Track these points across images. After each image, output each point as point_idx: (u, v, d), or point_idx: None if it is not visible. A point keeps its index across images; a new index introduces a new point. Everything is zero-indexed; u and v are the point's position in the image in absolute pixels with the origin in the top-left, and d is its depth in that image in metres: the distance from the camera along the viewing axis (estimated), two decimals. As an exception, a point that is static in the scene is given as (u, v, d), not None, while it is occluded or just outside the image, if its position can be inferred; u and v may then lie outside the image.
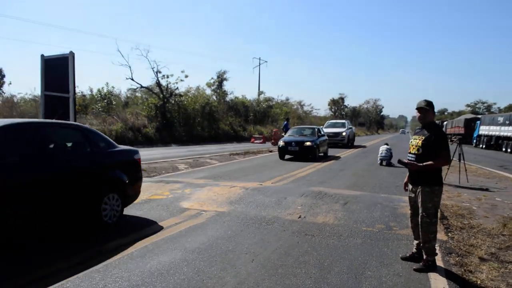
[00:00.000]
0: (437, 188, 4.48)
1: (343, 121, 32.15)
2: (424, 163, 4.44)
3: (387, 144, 17.35)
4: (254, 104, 50.55)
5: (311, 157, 16.90)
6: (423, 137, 4.53)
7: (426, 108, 4.59)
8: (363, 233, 5.83)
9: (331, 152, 21.23)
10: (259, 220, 6.46)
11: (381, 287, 3.92)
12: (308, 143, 17.18)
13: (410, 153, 4.68)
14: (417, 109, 4.67)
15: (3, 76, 56.98)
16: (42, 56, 9.81)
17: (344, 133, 27.66)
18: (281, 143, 17.63)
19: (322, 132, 19.74)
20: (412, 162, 4.59)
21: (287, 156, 17.80)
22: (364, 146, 30.34)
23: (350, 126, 30.41)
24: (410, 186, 4.78)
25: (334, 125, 29.98)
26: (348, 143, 27.84)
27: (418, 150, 4.56)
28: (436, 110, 4.80)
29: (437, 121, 4.89)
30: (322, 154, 18.63)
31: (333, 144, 25.69)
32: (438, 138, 4.43)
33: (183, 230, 5.80)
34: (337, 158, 18.88)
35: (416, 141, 4.62)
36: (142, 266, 4.33)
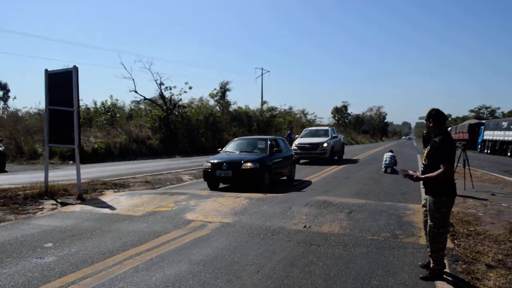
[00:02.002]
0: (445, 199, 4.41)
1: (326, 127, 24.67)
2: (424, 176, 4.45)
3: (391, 152, 17.28)
4: (257, 114, 50.55)
5: (257, 185, 11.01)
6: (430, 147, 4.53)
7: (428, 120, 4.59)
8: (369, 242, 5.81)
9: (305, 171, 16.06)
10: (264, 230, 6.45)
11: (387, 297, 3.89)
12: (248, 164, 10.81)
13: (422, 163, 4.71)
14: (422, 119, 4.73)
15: (8, 91, 57.65)
16: (46, 71, 9.90)
17: (325, 144, 20.40)
18: (207, 164, 11.32)
19: (281, 146, 13.13)
20: (413, 173, 4.63)
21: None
22: (355, 161, 23.29)
23: (336, 134, 23.25)
24: (423, 195, 4.78)
25: (314, 134, 22.94)
26: (331, 157, 20.90)
27: (425, 160, 4.57)
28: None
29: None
30: (285, 178, 13.37)
31: (311, 158, 20.79)
32: (439, 149, 4.35)
33: (188, 242, 5.80)
34: (305, 184, 12.75)
35: (426, 151, 4.63)
36: (148, 279, 4.33)
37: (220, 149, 13.26)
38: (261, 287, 4.11)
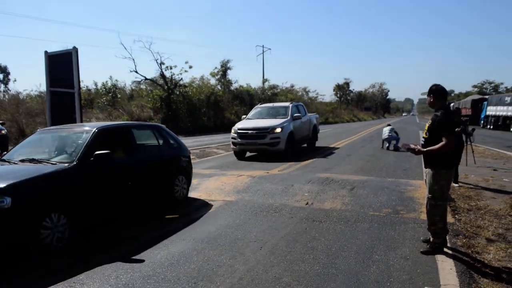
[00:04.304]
0: (444, 172, 4.46)
1: (286, 104, 15.67)
2: (426, 149, 4.48)
3: (389, 125, 16.72)
4: (259, 92, 50.34)
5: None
6: (431, 121, 4.56)
7: (430, 94, 4.61)
8: (370, 217, 5.87)
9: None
10: (267, 208, 6.52)
11: (388, 271, 3.96)
12: None
13: (422, 136, 4.75)
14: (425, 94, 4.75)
15: (8, 73, 57.42)
16: (46, 52, 9.85)
17: (278, 130, 13.05)
18: None
19: (133, 139, 6.57)
20: (415, 147, 4.65)
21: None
22: (330, 152, 15.33)
23: (300, 113, 15.07)
24: (424, 169, 4.83)
25: (267, 113, 15.20)
26: (290, 147, 13.47)
27: (426, 134, 4.61)
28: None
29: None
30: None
31: (258, 151, 13.92)
32: (440, 122, 4.39)
33: (192, 220, 5.87)
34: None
35: (426, 124, 4.67)
36: (153, 257, 4.41)
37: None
38: (264, 263, 4.19)
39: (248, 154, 13.78)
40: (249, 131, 13.25)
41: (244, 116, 15.70)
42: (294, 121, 14.26)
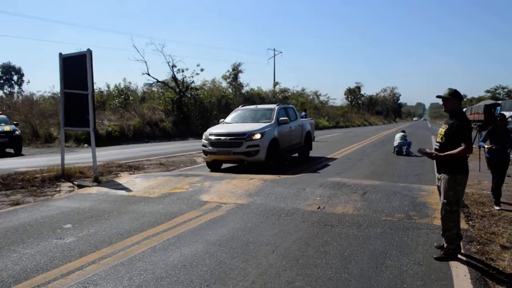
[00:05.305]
0: (460, 177, 4.44)
1: (271, 106, 13.20)
2: (444, 153, 4.45)
3: (403, 131, 16.83)
4: (270, 96, 50.35)
5: None
6: (447, 126, 4.54)
7: (447, 98, 4.58)
8: (383, 222, 5.83)
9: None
10: (279, 211, 6.51)
11: (402, 276, 3.93)
12: None
13: (437, 141, 4.72)
14: (439, 97, 4.67)
15: (22, 75, 58.22)
16: (60, 54, 9.97)
17: (257, 136, 10.93)
18: None
19: None
20: (431, 151, 4.61)
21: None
22: (326, 164, 12.97)
23: (285, 118, 12.40)
24: (436, 174, 4.81)
25: (249, 116, 13.00)
26: (271, 158, 11.28)
27: (441, 138, 4.59)
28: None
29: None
30: None
31: (234, 162, 11.97)
32: (459, 127, 4.38)
33: (203, 223, 5.89)
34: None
35: (441, 129, 4.64)
36: (166, 259, 4.43)
37: None
38: (276, 267, 4.18)
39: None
40: (222, 137, 11.10)
41: (222, 119, 13.58)
42: (280, 126, 12.04)
